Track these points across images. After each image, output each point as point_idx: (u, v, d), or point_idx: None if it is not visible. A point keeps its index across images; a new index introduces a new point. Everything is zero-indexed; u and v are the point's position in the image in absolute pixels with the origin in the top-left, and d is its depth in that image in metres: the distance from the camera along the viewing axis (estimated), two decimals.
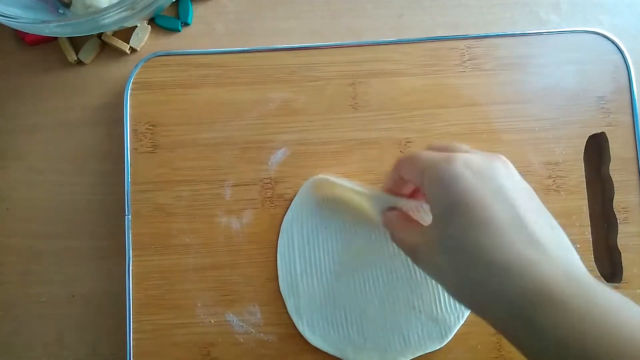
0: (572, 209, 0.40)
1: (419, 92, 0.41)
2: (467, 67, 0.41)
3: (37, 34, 0.40)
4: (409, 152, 0.40)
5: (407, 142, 0.41)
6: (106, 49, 0.43)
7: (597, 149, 0.42)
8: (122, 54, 0.43)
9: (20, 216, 0.41)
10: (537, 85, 0.41)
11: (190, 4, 0.43)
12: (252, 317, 0.39)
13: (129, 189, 0.40)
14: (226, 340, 0.38)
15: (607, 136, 0.41)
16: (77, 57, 0.42)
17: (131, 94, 0.41)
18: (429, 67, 0.41)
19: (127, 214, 0.39)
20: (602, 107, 0.41)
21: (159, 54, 0.41)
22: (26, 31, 0.37)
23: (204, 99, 0.41)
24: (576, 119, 0.41)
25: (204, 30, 0.44)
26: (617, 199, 0.40)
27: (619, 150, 0.41)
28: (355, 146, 0.41)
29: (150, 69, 0.41)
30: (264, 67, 0.41)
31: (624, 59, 0.41)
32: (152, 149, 0.40)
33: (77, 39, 0.43)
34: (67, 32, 0.37)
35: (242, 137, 0.41)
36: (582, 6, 0.44)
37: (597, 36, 0.42)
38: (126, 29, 0.43)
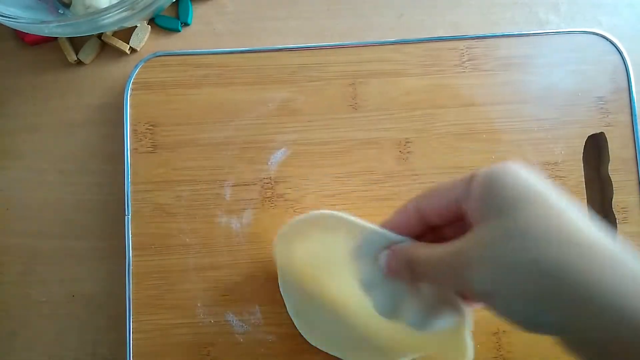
0: None
1: (418, 92, 0.41)
2: (466, 67, 0.41)
3: (37, 34, 0.40)
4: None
5: (406, 142, 0.41)
6: (106, 49, 0.43)
7: (596, 149, 0.42)
8: (122, 54, 0.43)
9: (20, 216, 0.41)
10: (536, 85, 0.41)
11: (190, 4, 0.43)
12: (251, 317, 0.39)
13: (129, 189, 0.40)
14: (226, 340, 0.38)
15: (606, 136, 0.41)
16: (77, 57, 0.42)
17: (131, 94, 0.41)
18: (429, 67, 0.41)
19: (127, 214, 0.39)
20: (601, 108, 0.41)
21: (159, 54, 0.41)
22: (26, 31, 0.37)
23: (204, 99, 0.41)
24: (575, 119, 0.41)
25: (204, 30, 0.44)
26: (616, 199, 0.40)
27: (618, 150, 0.41)
28: (355, 146, 0.41)
29: (150, 69, 0.41)
30: (264, 67, 0.41)
31: (623, 60, 0.41)
32: (152, 149, 0.40)
33: (77, 39, 0.43)
34: (67, 32, 0.37)
35: (242, 137, 0.41)
36: (582, 7, 0.44)
37: (596, 37, 0.42)
38: (126, 29, 0.43)
